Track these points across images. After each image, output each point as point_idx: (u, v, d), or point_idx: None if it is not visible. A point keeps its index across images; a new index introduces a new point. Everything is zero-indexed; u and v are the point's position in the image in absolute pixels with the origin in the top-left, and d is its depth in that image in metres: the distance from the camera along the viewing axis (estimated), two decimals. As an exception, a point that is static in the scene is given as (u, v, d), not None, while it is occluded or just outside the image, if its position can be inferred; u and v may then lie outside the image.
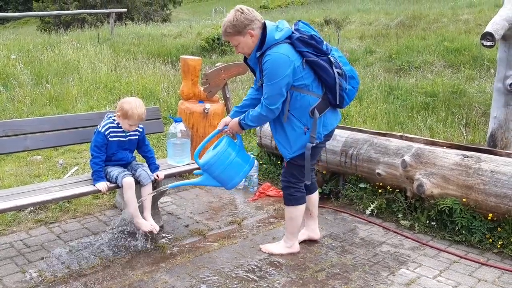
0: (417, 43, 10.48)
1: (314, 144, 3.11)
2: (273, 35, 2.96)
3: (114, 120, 3.51)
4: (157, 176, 3.61)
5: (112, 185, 3.44)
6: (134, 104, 3.43)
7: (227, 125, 3.32)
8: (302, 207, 3.35)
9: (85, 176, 3.77)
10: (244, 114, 3.19)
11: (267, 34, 2.96)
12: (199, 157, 3.23)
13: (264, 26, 3.02)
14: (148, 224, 3.47)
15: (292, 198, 3.30)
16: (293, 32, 3.04)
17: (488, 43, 3.75)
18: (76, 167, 5.12)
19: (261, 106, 3.04)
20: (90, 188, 3.39)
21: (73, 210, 4.12)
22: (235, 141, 3.29)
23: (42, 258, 3.30)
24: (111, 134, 3.47)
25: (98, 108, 7.42)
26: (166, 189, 3.41)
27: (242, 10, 2.99)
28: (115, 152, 3.53)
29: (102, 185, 3.37)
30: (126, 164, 3.61)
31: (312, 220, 3.60)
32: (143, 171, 3.53)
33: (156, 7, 27.26)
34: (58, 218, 3.98)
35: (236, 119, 3.22)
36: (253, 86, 3.38)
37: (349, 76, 3.12)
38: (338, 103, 3.11)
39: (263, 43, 2.99)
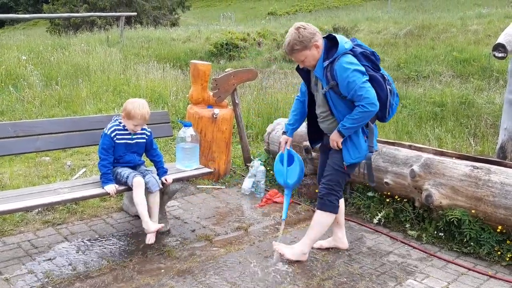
0: (425, 52, 10.49)
1: (373, 154, 3.34)
2: (343, 44, 3.12)
3: (120, 122, 3.53)
4: (165, 180, 3.62)
5: (121, 187, 3.45)
6: (137, 104, 3.45)
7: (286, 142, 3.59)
8: (334, 217, 3.38)
9: (93, 178, 3.78)
10: (340, 124, 3.19)
11: (339, 43, 3.10)
12: None
13: (327, 37, 3.20)
14: (156, 224, 3.47)
15: (331, 204, 3.32)
16: (353, 47, 3.19)
17: (500, 55, 3.74)
18: (84, 169, 5.14)
19: (362, 107, 3.05)
20: (99, 190, 3.40)
21: (80, 212, 4.13)
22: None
23: (49, 259, 3.31)
24: (117, 137, 3.49)
25: (106, 111, 7.46)
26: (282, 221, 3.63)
27: (303, 26, 3.13)
28: (122, 155, 3.55)
29: (111, 188, 3.38)
30: (134, 167, 3.62)
31: (339, 229, 3.63)
32: (152, 177, 3.53)
33: (165, 11, 27.41)
34: (66, 220, 3.99)
35: (336, 132, 3.23)
36: (298, 97, 3.56)
37: (396, 94, 3.36)
38: (385, 116, 3.30)
39: (328, 53, 3.14)
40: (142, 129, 3.60)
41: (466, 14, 14.91)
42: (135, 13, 19.06)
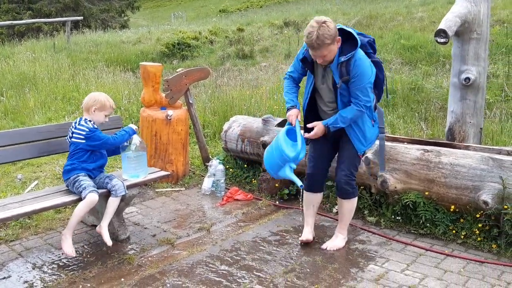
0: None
1: (385, 134, 3.53)
2: (359, 40, 3.18)
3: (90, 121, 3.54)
4: None
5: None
6: (104, 95, 3.58)
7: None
8: (357, 198, 3.57)
9: (46, 190, 3.65)
10: (329, 120, 3.34)
11: (359, 38, 3.17)
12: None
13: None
14: (69, 249, 3.28)
15: (354, 190, 3.48)
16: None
17: (442, 40, 3.85)
18: (36, 182, 4.95)
19: (357, 106, 3.24)
20: (51, 202, 3.29)
21: (34, 226, 3.97)
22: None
23: (4, 278, 3.17)
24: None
25: (56, 120, 7.22)
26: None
27: (328, 20, 3.09)
28: (98, 158, 3.57)
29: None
30: (101, 167, 3.61)
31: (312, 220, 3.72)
32: (120, 181, 3.49)
33: (114, 14, 26.77)
34: (19, 235, 3.83)
35: (322, 126, 3.35)
36: (289, 76, 3.55)
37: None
38: (380, 97, 3.50)
39: (342, 47, 3.18)
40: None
41: (411, 2, 15.29)
42: (81, 18, 18.52)
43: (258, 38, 14.16)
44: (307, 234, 3.59)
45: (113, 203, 3.44)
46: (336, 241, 3.56)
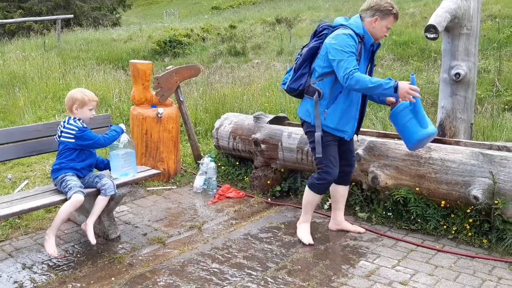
0: (366, 38, 10.70)
1: None
2: None
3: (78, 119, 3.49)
4: None
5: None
6: (80, 90, 3.52)
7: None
8: None
9: (35, 190, 3.62)
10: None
11: None
12: None
13: None
14: (52, 249, 3.24)
15: None
16: None
17: (432, 35, 3.85)
18: (26, 181, 4.91)
19: None
20: (40, 202, 3.26)
21: (24, 226, 3.94)
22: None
23: (-8, 279, 3.15)
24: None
25: (46, 119, 7.16)
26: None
27: None
28: (87, 157, 3.54)
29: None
30: (90, 167, 3.57)
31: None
32: (110, 181, 3.45)
33: (105, 11, 26.65)
34: (9, 236, 3.80)
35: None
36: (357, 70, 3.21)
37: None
38: None
39: None
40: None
41: (402, -2, 15.33)
42: (71, 16, 18.42)
43: (250, 35, 14.14)
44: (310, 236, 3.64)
45: (100, 202, 3.41)
46: (351, 227, 3.77)
